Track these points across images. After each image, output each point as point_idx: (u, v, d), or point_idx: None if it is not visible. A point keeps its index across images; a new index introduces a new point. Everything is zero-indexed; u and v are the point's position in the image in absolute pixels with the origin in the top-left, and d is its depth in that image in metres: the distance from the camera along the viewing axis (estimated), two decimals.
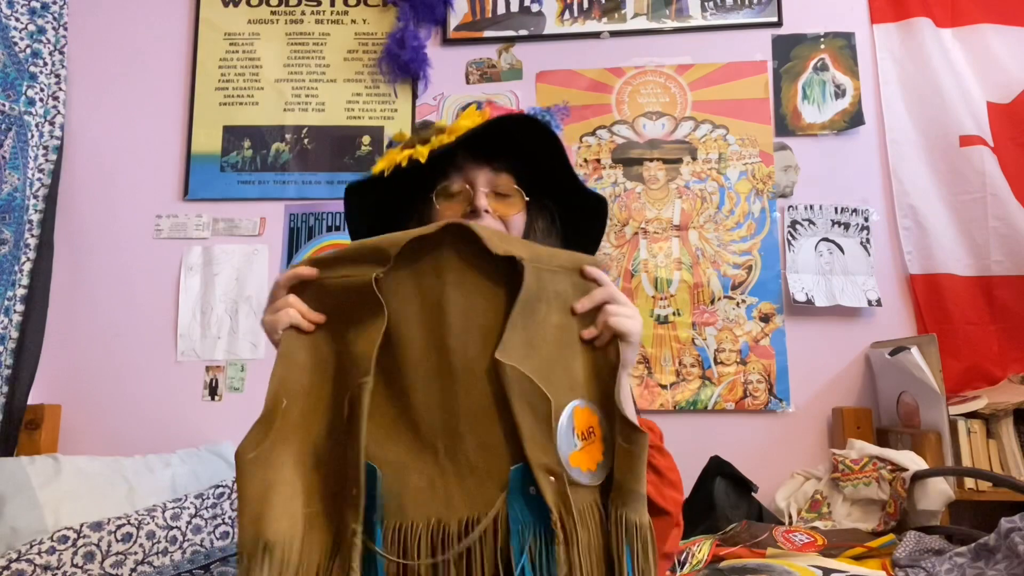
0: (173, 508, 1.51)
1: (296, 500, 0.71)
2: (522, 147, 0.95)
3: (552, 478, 0.70)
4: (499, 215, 0.95)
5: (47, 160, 1.97)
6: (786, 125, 2.06)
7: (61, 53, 2.05)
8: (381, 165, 0.95)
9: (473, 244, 0.76)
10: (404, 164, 0.93)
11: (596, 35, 2.14)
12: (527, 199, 0.98)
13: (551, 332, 0.76)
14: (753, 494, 1.70)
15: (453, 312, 0.76)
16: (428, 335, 0.76)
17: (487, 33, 2.16)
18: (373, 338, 0.73)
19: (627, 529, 0.70)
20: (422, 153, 0.92)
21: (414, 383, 0.75)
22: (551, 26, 2.15)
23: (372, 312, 0.74)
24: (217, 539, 1.52)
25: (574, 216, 1.03)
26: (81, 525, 1.38)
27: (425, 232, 0.76)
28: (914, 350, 1.70)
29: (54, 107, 2.01)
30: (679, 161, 2.06)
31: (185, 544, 1.48)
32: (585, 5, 2.15)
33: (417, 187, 0.97)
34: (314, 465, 0.73)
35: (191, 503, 1.55)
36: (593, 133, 2.09)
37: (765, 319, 1.97)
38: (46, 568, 1.31)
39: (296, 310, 0.77)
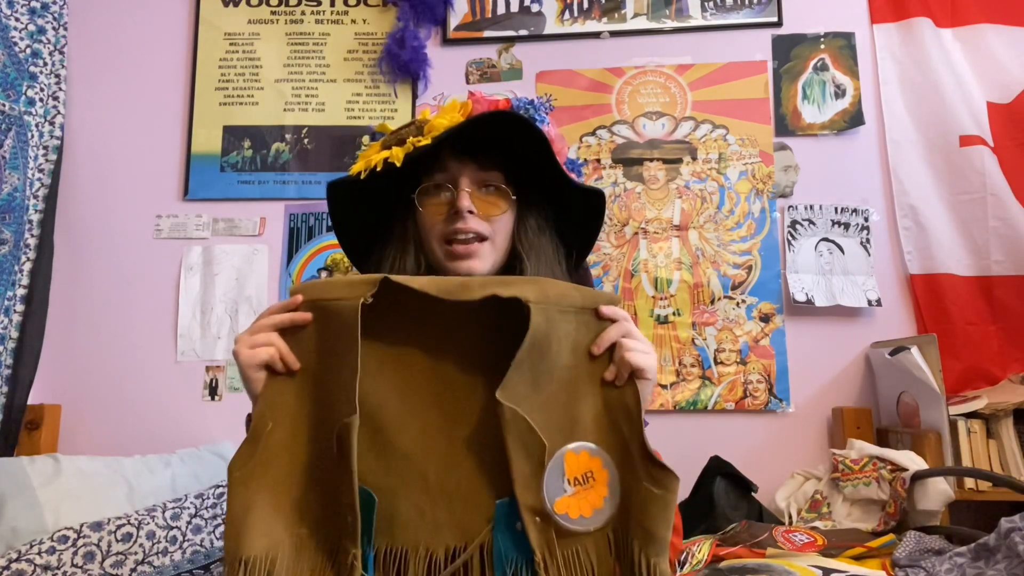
0: (173, 508, 1.51)
1: (278, 521, 0.71)
2: (511, 140, 0.91)
3: (538, 519, 0.70)
4: (483, 215, 0.91)
5: (47, 160, 1.97)
6: (786, 125, 2.06)
7: (61, 53, 2.05)
8: (359, 166, 0.92)
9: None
10: (379, 168, 0.90)
11: (596, 35, 2.14)
12: (515, 197, 0.94)
13: (558, 373, 0.74)
14: (753, 494, 1.70)
15: (455, 343, 0.77)
16: (428, 364, 0.77)
17: (487, 33, 2.15)
18: (353, 367, 0.71)
19: (650, 574, 0.68)
20: (397, 156, 0.89)
21: (411, 410, 0.75)
22: (551, 26, 2.15)
23: (351, 340, 0.71)
24: (217, 539, 1.52)
25: (570, 211, 0.99)
26: (81, 525, 1.38)
27: (421, 288, 0.74)
28: (914, 350, 1.70)
29: (54, 107, 2.01)
30: (679, 161, 2.06)
31: (185, 544, 1.48)
32: (585, 5, 2.15)
33: (406, 182, 0.93)
34: (303, 487, 0.73)
35: (191, 503, 1.55)
36: (593, 133, 2.09)
37: (765, 319, 1.97)
38: (46, 568, 1.31)
39: (276, 349, 0.74)
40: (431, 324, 0.77)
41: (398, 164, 0.88)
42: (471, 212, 0.89)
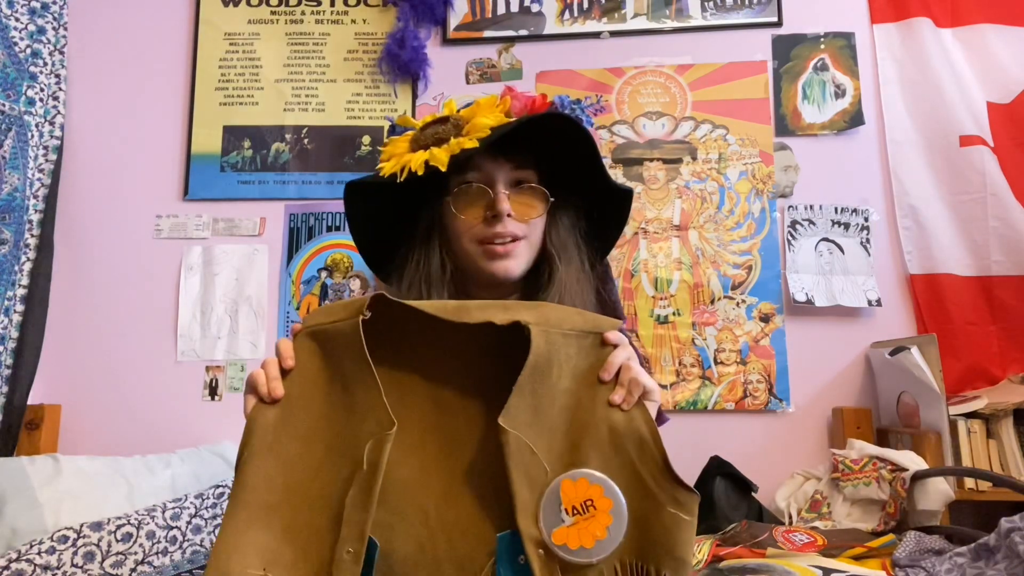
0: (173, 508, 1.51)
1: (256, 552, 0.68)
2: (547, 140, 0.89)
3: (541, 551, 0.67)
4: (520, 217, 0.89)
5: (47, 160, 1.97)
6: (786, 125, 2.06)
7: (61, 53, 2.05)
8: (391, 167, 0.87)
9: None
10: (421, 172, 0.84)
11: (596, 35, 2.14)
12: (552, 198, 0.91)
13: (559, 398, 0.71)
14: (753, 494, 1.70)
15: (454, 371, 0.75)
16: (427, 393, 0.75)
17: (487, 33, 2.15)
18: (370, 383, 0.70)
19: None
20: (441, 160, 0.84)
21: (411, 440, 0.72)
22: (551, 26, 2.15)
23: (358, 358, 0.70)
24: None
25: (596, 207, 0.98)
26: (81, 525, 1.38)
27: (433, 312, 0.72)
28: (914, 350, 1.70)
29: (54, 107, 2.01)
30: (679, 161, 2.06)
31: (185, 544, 1.48)
32: (585, 5, 2.15)
33: (428, 181, 0.87)
34: (295, 516, 0.70)
35: (191, 503, 1.55)
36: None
37: (765, 319, 1.97)
38: (46, 568, 1.31)
39: (264, 375, 0.73)
40: (429, 352, 0.75)
41: (443, 168, 0.83)
42: (509, 215, 0.87)
